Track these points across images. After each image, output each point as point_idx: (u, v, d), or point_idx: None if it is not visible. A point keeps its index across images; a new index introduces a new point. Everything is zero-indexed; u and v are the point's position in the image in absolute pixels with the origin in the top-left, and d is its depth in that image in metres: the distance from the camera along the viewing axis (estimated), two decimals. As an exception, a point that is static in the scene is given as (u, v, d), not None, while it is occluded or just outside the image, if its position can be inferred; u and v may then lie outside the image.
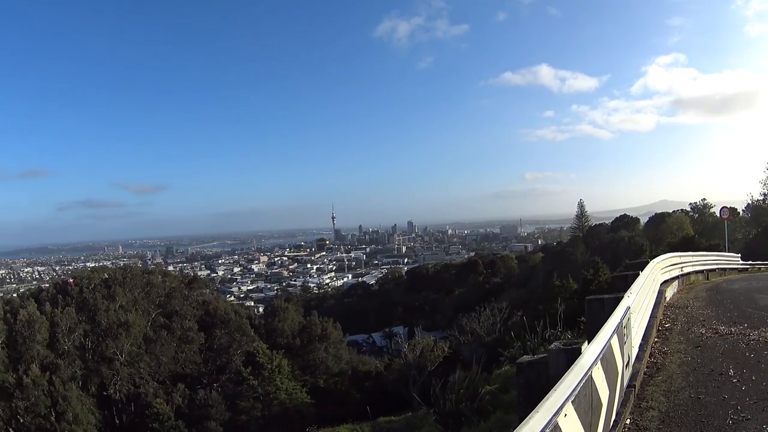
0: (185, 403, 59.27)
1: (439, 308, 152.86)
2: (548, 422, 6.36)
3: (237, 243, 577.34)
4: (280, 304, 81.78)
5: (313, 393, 63.85)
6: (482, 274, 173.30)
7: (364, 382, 69.58)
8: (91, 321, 62.40)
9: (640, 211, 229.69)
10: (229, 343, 67.66)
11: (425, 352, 56.26)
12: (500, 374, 26.20)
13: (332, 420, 55.45)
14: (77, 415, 52.10)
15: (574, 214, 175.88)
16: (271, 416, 59.74)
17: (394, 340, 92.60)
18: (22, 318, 57.81)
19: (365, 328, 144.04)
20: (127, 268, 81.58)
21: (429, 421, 23.75)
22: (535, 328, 26.37)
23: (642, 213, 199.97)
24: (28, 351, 56.79)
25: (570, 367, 8.53)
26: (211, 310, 72.73)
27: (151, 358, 63.39)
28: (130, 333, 61.76)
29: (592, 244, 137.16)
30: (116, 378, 59.93)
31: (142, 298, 69.31)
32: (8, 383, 53.37)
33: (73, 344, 60.27)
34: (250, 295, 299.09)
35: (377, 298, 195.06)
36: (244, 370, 61.43)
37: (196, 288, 79.75)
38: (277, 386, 60.73)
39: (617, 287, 19.55)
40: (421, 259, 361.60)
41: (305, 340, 71.85)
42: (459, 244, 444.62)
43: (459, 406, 17.63)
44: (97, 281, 69.36)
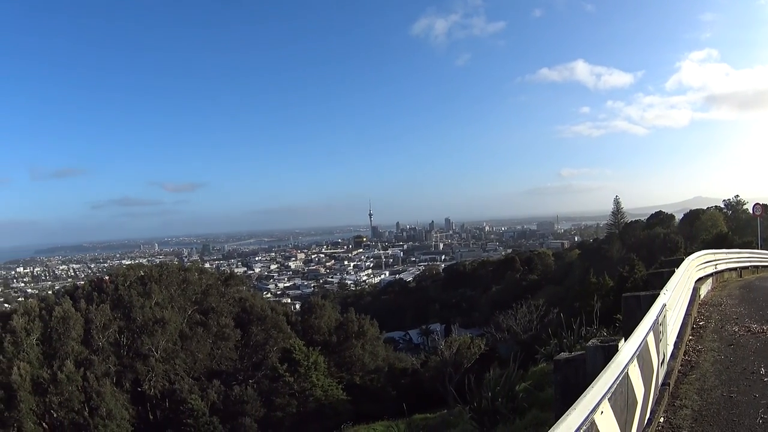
0: (220, 399, 59.35)
1: (476, 305, 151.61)
2: (585, 419, 6.46)
3: (274, 240, 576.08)
4: (316, 301, 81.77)
5: (349, 390, 63.69)
6: (519, 271, 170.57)
7: (400, 379, 69.51)
8: (126, 318, 62.78)
9: (674, 208, 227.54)
10: (265, 340, 67.70)
11: (462, 349, 55.97)
12: (536, 371, 25.79)
13: (368, 417, 55.07)
14: (111, 410, 52.44)
15: (610, 211, 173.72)
16: (306, 413, 59.67)
17: (430, 338, 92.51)
18: (57, 315, 58.25)
19: (402, 325, 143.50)
20: (163, 265, 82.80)
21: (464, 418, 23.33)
22: (572, 325, 26.01)
23: (677, 210, 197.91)
24: (62, 347, 57.26)
25: (607, 365, 8.45)
26: (248, 307, 72.71)
27: (186, 355, 63.75)
28: (166, 330, 62.06)
29: (628, 241, 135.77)
30: (151, 374, 60.29)
31: (179, 295, 69.58)
32: (42, 379, 53.82)
33: (107, 341, 60.71)
34: (287, 292, 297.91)
35: (414, 295, 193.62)
36: (280, 366, 61.25)
37: (233, 285, 79.58)
38: (312, 383, 60.57)
39: (653, 284, 19.28)
40: (458, 256, 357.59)
41: (342, 337, 71.52)
42: (496, 241, 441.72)
43: (495, 404, 17.32)
44: (132, 278, 69.50)
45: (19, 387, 52.55)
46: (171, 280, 70.49)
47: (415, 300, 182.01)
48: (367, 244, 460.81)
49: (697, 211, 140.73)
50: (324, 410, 59.38)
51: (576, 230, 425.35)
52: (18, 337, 56.54)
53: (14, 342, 56.28)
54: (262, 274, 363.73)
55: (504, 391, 17.51)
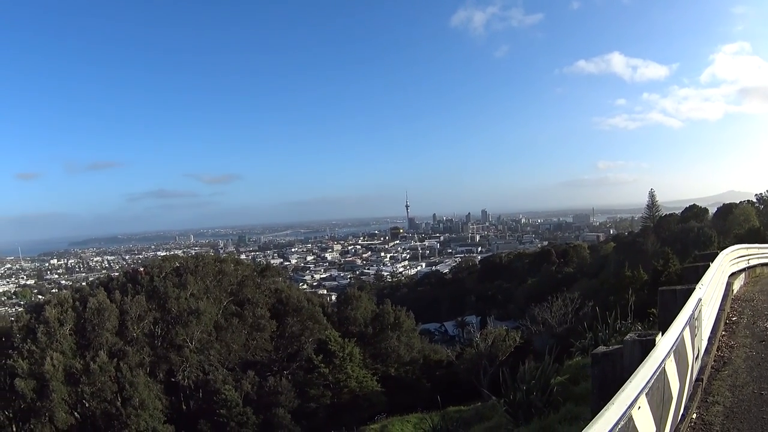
0: (254, 390, 59.25)
1: (512, 298, 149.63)
2: (623, 414, 6.59)
3: (310, 231, 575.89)
4: (353, 293, 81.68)
5: (384, 381, 63.66)
6: (555, 263, 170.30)
7: (434, 371, 69.28)
8: (161, 309, 63.00)
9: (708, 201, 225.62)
10: (300, 331, 67.65)
11: (497, 341, 55.74)
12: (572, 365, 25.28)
13: (401, 408, 54.89)
14: (144, 400, 52.56)
15: (645, 204, 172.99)
16: (340, 404, 59.66)
17: (466, 330, 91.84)
18: (92, 306, 58.49)
19: (438, 316, 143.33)
20: (198, 256, 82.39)
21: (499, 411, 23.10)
22: (607, 319, 25.74)
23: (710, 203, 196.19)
24: (96, 338, 57.50)
25: (644, 359, 8.60)
26: (284, 298, 72.80)
27: (221, 346, 63.88)
28: (201, 321, 62.26)
29: (662, 235, 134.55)
30: (185, 365, 60.60)
31: (214, 287, 69.75)
32: (75, 369, 54.16)
33: (142, 331, 60.97)
34: (323, 283, 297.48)
35: (450, 286, 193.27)
36: (316, 357, 61.28)
37: (269, 276, 79.82)
38: (347, 374, 60.47)
39: (688, 278, 19.08)
40: (494, 248, 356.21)
41: (377, 329, 71.40)
42: (532, 233, 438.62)
43: (529, 397, 17.11)
44: (168, 270, 69.94)
45: (52, 377, 52.92)
46: (207, 272, 70.68)
47: (451, 292, 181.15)
48: (404, 235, 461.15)
49: (730, 205, 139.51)
50: (358, 401, 59.44)
51: (611, 223, 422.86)
52: (51, 327, 56.79)
53: (47, 332, 56.54)
54: (298, 265, 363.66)
55: (539, 385, 17.17)
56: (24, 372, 54.27)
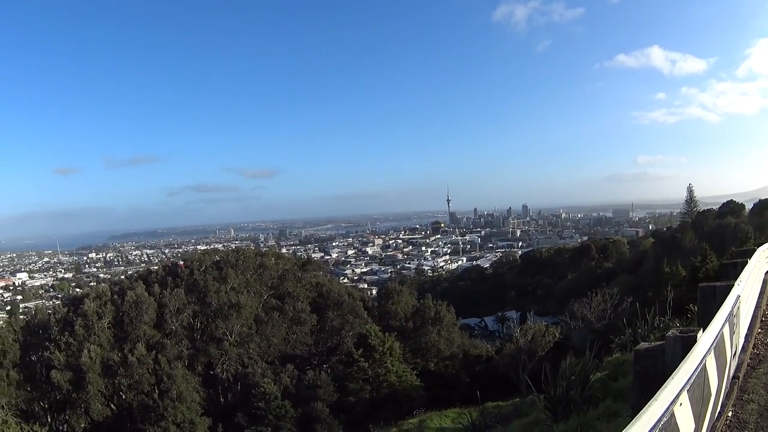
0: (293, 383, 59.02)
1: (552, 293, 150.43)
2: (666, 410, 6.81)
3: (351, 226, 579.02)
4: (394, 287, 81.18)
5: (423, 376, 62.85)
6: (594, 259, 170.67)
7: (474, 366, 68.37)
8: (201, 302, 63.20)
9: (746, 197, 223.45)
10: (341, 325, 67.90)
11: (536, 337, 55.15)
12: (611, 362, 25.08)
13: (440, 403, 53.74)
14: (181, 393, 52.49)
15: (683, 199, 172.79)
16: (379, 398, 58.95)
17: (506, 325, 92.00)
18: (130, 299, 58.63)
19: (478, 311, 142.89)
20: (239, 250, 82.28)
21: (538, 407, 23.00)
22: (645, 315, 25.51)
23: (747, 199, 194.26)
24: (134, 330, 57.68)
25: (686, 356, 8.79)
26: (325, 292, 72.79)
27: (261, 339, 63.91)
28: (241, 314, 62.20)
29: (700, 231, 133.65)
30: (224, 358, 60.79)
31: (255, 280, 69.95)
32: (112, 361, 54.21)
33: (181, 324, 61.13)
34: (364, 277, 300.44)
35: (491, 281, 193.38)
36: (355, 351, 60.27)
37: (310, 270, 79.69)
38: (387, 369, 59.75)
39: (726, 275, 19.43)
40: (534, 243, 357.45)
41: (418, 323, 71.05)
42: (572, 228, 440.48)
43: (569, 393, 16.99)
44: (208, 263, 70.11)
45: (89, 369, 53.14)
46: (247, 265, 70.91)
47: (491, 287, 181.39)
48: (445, 230, 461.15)
49: (767, 201, 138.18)
50: (397, 396, 58.77)
51: (650, 218, 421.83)
52: (89, 320, 57.01)
53: (85, 325, 56.77)
54: (339, 259, 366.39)
55: (579, 381, 17.14)
56: (60, 364, 54.53)
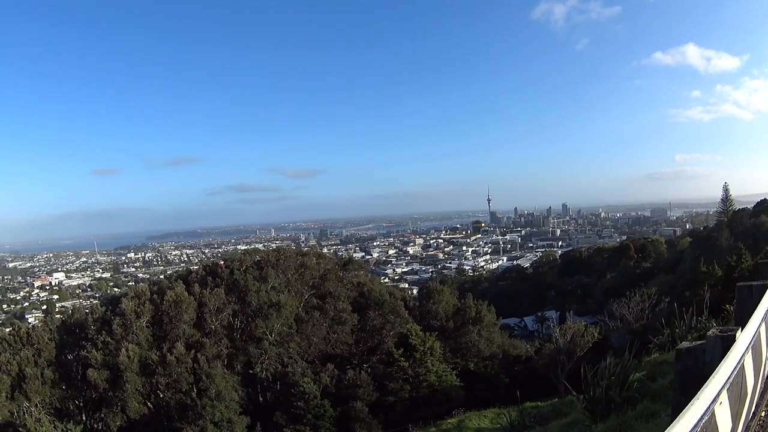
0: (333, 383, 59.08)
1: (591, 292, 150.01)
2: (707, 409, 6.90)
3: (392, 225, 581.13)
4: (435, 287, 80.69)
5: (463, 376, 62.52)
6: (633, 258, 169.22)
7: (513, 366, 68.28)
8: (241, 302, 63.21)
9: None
10: (382, 325, 67.65)
11: (575, 337, 54.74)
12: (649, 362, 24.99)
13: (479, 403, 54.02)
14: (220, 392, 52.52)
15: (719, 198, 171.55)
16: (418, 398, 58.73)
17: (545, 325, 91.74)
18: (169, 298, 58.74)
19: (518, 311, 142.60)
20: (280, 250, 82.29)
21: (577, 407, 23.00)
22: (683, 315, 25.43)
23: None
24: (173, 330, 57.87)
25: (726, 355, 8.89)
26: (366, 292, 72.53)
27: (301, 338, 63.92)
28: (281, 313, 62.15)
29: (736, 230, 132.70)
30: (264, 357, 60.60)
31: (296, 280, 69.87)
32: (151, 360, 54.61)
33: (220, 324, 61.23)
34: (405, 277, 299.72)
35: (531, 281, 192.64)
36: (396, 351, 60.19)
37: (351, 270, 79.66)
38: (427, 368, 59.47)
39: (762, 274, 19.82)
40: (574, 243, 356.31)
41: (459, 323, 70.60)
42: (611, 227, 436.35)
43: (609, 393, 16.96)
44: (248, 263, 69.98)
45: (126, 368, 53.57)
46: (288, 265, 70.85)
47: (531, 286, 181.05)
48: (486, 229, 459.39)
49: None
50: (436, 396, 58.50)
51: (687, 217, 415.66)
52: (127, 319, 57.40)
53: (123, 324, 57.22)
54: (380, 259, 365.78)
55: (618, 381, 17.15)
56: (97, 362, 55.10)
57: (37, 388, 55.58)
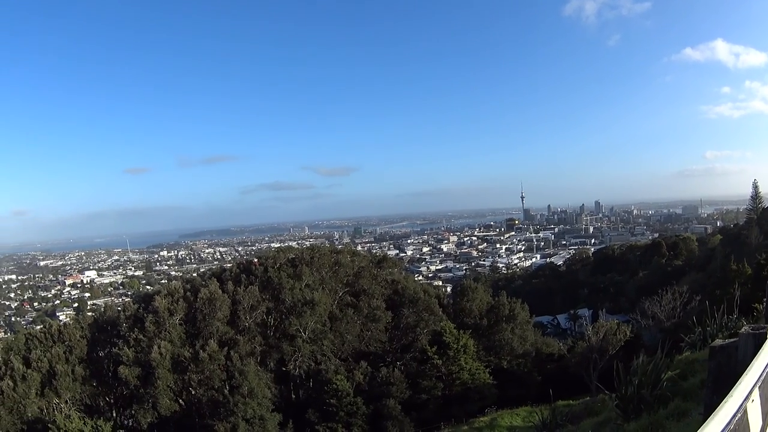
0: (366, 380, 59.00)
1: (623, 290, 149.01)
2: (740, 405, 7.00)
3: (426, 223, 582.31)
4: (469, 284, 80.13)
5: (496, 374, 62.44)
6: (665, 256, 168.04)
7: (546, 365, 68.12)
8: (275, 299, 63.09)
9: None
10: (416, 322, 67.17)
11: (608, 335, 54.72)
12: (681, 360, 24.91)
13: (512, 401, 54.34)
14: (252, 389, 52.41)
15: (749, 195, 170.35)
16: (451, 396, 58.71)
17: (578, 323, 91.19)
18: (203, 296, 58.87)
19: (551, 309, 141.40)
20: (314, 248, 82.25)
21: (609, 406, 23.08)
22: (714, 313, 25.50)
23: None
24: (207, 327, 57.93)
25: (758, 352, 9.01)
26: (400, 290, 72.33)
27: (335, 336, 63.68)
28: (315, 311, 61.80)
29: (765, 227, 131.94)
30: (297, 354, 60.48)
31: (330, 278, 69.72)
32: (183, 357, 54.78)
33: (254, 321, 61.16)
34: (439, 274, 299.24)
35: (564, 279, 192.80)
36: (430, 349, 60.44)
37: (385, 267, 79.33)
38: (461, 366, 59.47)
39: None
40: (607, 240, 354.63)
41: (492, 321, 70.14)
42: (644, 225, 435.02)
43: (640, 392, 17.04)
44: (282, 261, 70.14)
45: (158, 365, 53.76)
46: (322, 263, 70.77)
47: (564, 284, 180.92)
48: (519, 226, 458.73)
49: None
50: (469, 394, 58.51)
51: (718, 214, 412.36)
52: (160, 317, 57.65)
53: (156, 322, 57.47)
54: (414, 256, 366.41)
55: (650, 380, 17.25)
56: (129, 360, 55.40)
57: (68, 384, 56.11)
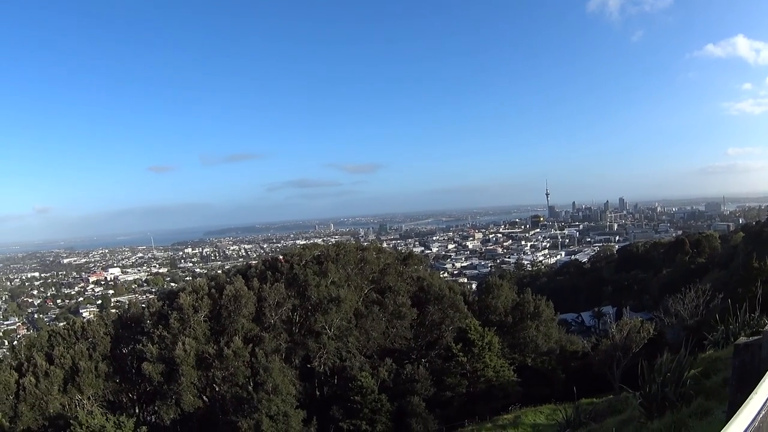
0: (391, 377, 58.79)
1: (647, 288, 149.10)
2: (764, 404, 7.27)
3: (452, 220, 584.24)
4: (494, 281, 79.77)
5: (520, 371, 62.40)
6: (688, 253, 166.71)
7: (570, 362, 67.82)
8: (301, 296, 62.69)
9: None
10: (441, 319, 66.70)
11: (631, 333, 54.36)
12: (704, 358, 24.95)
13: (535, 399, 54.30)
14: (277, 385, 52.28)
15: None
16: (475, 393, 58.60)
17: (602, 320, 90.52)
18: (228, 293, 58.66)
19: (575, 306, 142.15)
20: (340, 245, 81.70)
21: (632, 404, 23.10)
22: (736, 311, 25.48)
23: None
24: (231, 324, 57.63)
25: None
26: (426, 287, 71.72)
27: (360, 333, 63.49)
28: (341, 308, 61.56)
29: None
30: (322, 351, 60.30)
31: (356, 275, 69.49)
32: (207, 354, 54.67)
33: (279, 318, 60.97)
34: (464, 271, 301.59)
35: (588, 276, 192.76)
36: (455, 346, 60.40)
37: (411, 264, 78.96)
38: (485, 363, 59.35)
39: None
40: (631, 237, 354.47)
41: (517, 318, 70.00)
42: (667, 222, 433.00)
43: (664, 390, 17.07)
44: (308, 258, 69.75)
45: (182, 361, 53.82)
46: (348, 260, 70.44)
47: (588, 281, 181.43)
48: (544, 224, 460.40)
49: None
50: (493, 391, 58.41)
51: (740, 212, 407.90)
52: (185, 314, 57.54)
53: (180, 319, 57.42)
54: (439, 253, 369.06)
55: (674, 378, 17.27)
56: (153, 356, 55.46)
57: (91, 381, 56.42)
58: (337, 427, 55.64)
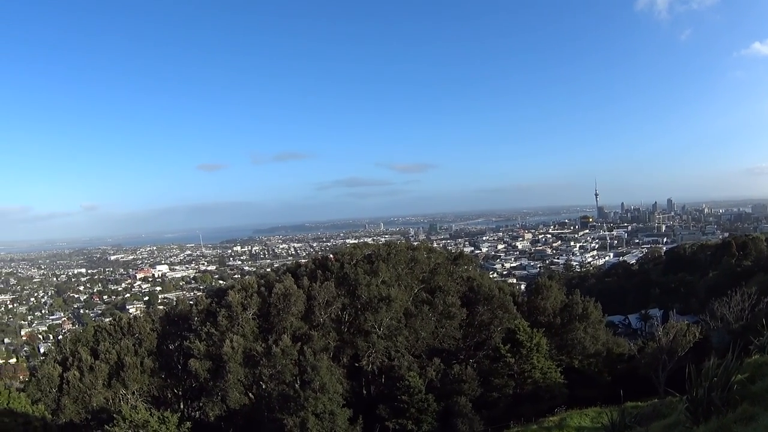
0: (438, 377, 58.30)
1: (693, 291, 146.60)
2: None
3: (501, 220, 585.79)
4: (543, 282, 79.28)
5: (567, 373, 61.79)
6: (734, 256, 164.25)
7: (616, 365, 67.07)
8: (351, 295, 62.74)
9: None
10: (490, 320, 66.28)
11: (678, 336, 53.98)
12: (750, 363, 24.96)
13: (581, 401, 53.27)
14: (324, 384, 51.89)
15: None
16: (521, 394, 58.13)
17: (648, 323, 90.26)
18: (278, 291, 58.71)
19: (623, 308, 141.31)
20: (391, 244, 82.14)
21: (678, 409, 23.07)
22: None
23: None
24: (280, 322, 57.79)
25: None
26: (475, 287, 71.17)
27: (409, 332, 63.16)
28: (391, 307, 61.48)
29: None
30: (371, 350, 60.30)
31: (406, 274, 69.18)
32: (255, 351, 54.86)
33: (329, 317, 60.98)
34: (513, 272, 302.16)
35: (636, 278, 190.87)
36: (503, 347, 59.93)
37: (461, 264, 78.44)
38: (533, 365, 58.83)
39: None
40: (679, 239, 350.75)
41: (565, 319, 69.36)
42: (714, 224, 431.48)
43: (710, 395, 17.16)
44: (359, 257, 69.89)
45: (230, 359, 54.12)
46: (399, 259, 70.36)
47: (636, 283, 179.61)
48: (593, 224, 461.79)
49: None
50: (539, 393, 57.85)
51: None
52: (233, 311, 57.91)
53: (228, 316, 57.86)
54: (489, 253, 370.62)
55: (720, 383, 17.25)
56: (200, 353, 56.04)
57: (136, 376, 57.30)
58: (383, 426, 55.32)
